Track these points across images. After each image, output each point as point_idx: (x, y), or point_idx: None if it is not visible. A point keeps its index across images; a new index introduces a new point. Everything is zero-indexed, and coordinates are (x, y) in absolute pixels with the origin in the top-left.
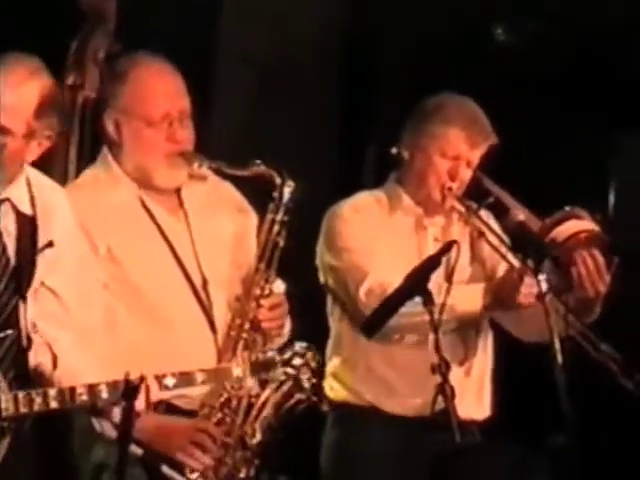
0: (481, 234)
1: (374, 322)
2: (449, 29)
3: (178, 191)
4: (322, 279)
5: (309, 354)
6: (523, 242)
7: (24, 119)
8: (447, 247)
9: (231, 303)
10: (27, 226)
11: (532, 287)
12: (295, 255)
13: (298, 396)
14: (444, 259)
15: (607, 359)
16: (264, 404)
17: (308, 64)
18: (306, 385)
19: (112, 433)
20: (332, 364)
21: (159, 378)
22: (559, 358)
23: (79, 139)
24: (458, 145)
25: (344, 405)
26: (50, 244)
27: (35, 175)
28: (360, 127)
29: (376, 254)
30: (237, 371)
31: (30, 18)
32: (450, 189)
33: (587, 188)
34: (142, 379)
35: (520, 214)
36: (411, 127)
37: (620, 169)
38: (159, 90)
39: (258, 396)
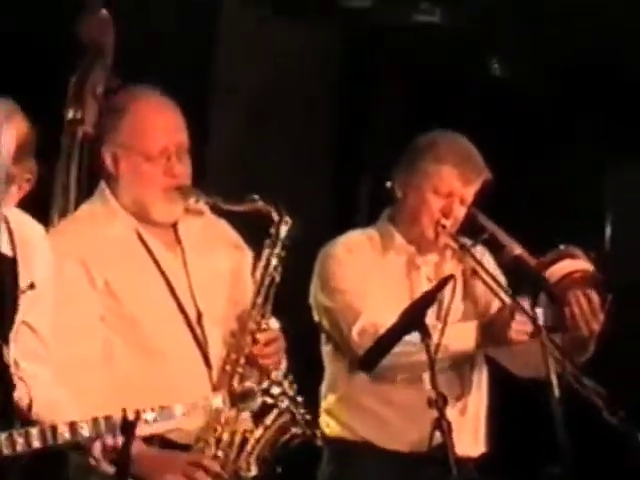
0: (474, 272)
1: (371, 358)
2: (446, 61)
3: (175, 226)
4: (316, 318)
5: (286, 383)
6: (519, 276)
7: (2, 165)
8: (443, 282)
9: (226, 338)
10: (8, 268)
11: (524, 324)
12: (288, 291)
13: (293, 430)
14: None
15: (591, 394)
16: (259, 439)
17: (302, 96)
18: (301, 420)
19: (108, 468)
20: (327, 401)
21: (138, 413)
22: (556, 392)
23: (78, 174)
24: (451, 182)
25: (339, 441)
26: (32, 286)
27: (14, 214)
28: (354, 160)
29: (369, 295)
30: (216, 401)
31: (30, 51)
32: (444, 226)
33: (583, 220)
34: (138, 415)
35: (516, 248)
36: (403, 165)
37: (616, 201)
38: (158, 125)
39: (253, 431)
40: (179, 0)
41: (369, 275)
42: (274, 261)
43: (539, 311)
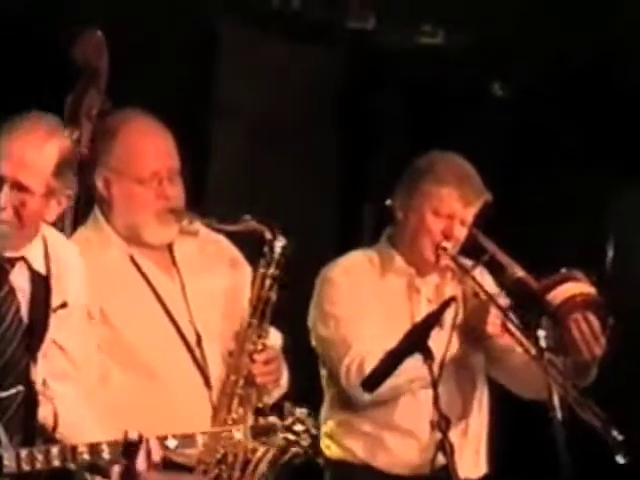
0: (476, 294)
1: (373, 380)
2: (449, 83)
3: (171, 247)
4: (313, 343)
5: (309, 420)
6: (521, 299)
7: (44, 178)
8: (447, 304)
9: (225, 358)
10: (41, 285)
11: (497, 317)
12: (293, 311)
13: (294, 450)
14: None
15: (591, 417)
16: (260, 459)
17: (304, 116)
18: (302, 438)
19: None
20: (327, 425)
21: (161, 439)
22: (558, 414)
23: (76, 197)
24: (451, 204)
25: (340, 463)
26: (64, 305)
27: (51, 233)
28: (357, 180)
29: (366, 318)
30: (238, 435)
31: (25, 74)
32: (444, 248)
33: (585, 244)
34: (141, 438)
35: (518, 271)
36: (404, 187)
37: (618, 224)
38: (149, 149)
39: (255, 452)
40: (180, 21)
41: (367, 298)
42: (268, 281)
43: (541, 334)
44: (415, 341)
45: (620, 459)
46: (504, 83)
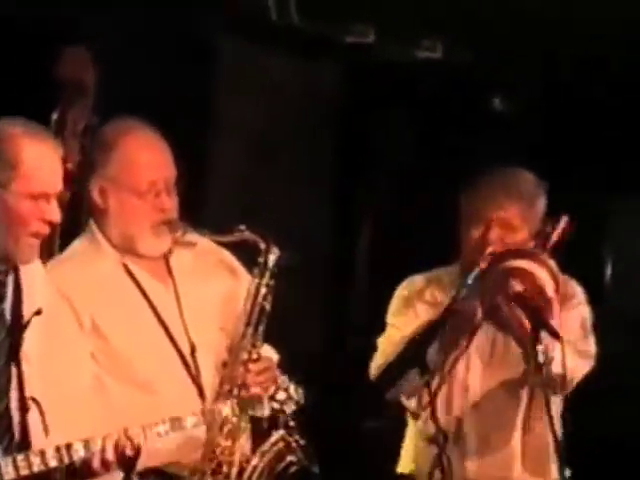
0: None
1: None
2: (448, 96)
3: (166, 257)
4: None
5: (292, 387)
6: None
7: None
8: (446, 315)
9: (219, 368)
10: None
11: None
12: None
13: (289, 458)
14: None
15: None
16: (255, 467)
17: (303, 129)
18: (296, 447)
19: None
20: None
21: (150, 427)
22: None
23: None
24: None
25: None
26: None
27: None
28: (355, 192)
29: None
30: (226, 410)
31: (11, 90)
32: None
33: (584, 255)
34: (139, 450)
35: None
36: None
37: (618, 235)
38: (146, 160)
39: (249, 460)
40: (180, 35)
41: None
42: (263, 290)
43: (540, 349)
44: (415, 354)
45: None
46: (504, 97)
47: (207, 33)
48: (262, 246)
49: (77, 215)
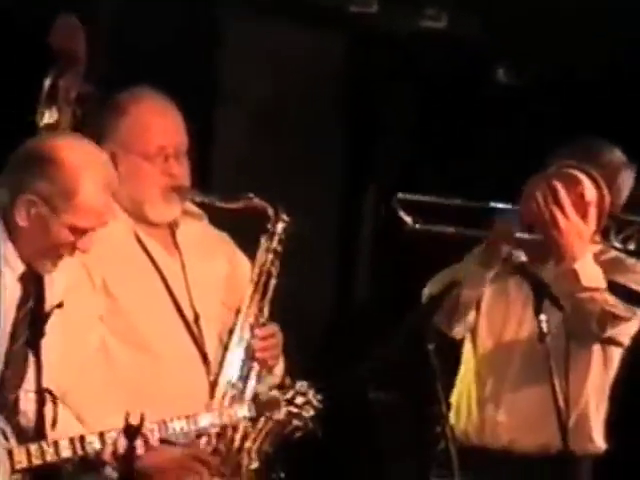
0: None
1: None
2: (452, 67)
3: (173, 229)
4: None
5: (311, 392)
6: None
7: None
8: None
9: (222, 337)
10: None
11: None
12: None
13: (295, 423)
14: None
15: None
16: (260, 432)
17: (307, 101)
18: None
19: (112, 473)
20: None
21: (165, 423)
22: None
23: None
24: None
25: None
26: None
27: None
28: (361, 166)
29: None
30: (242, 412)
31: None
32: None
33: None
34: (142, 420)
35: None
36: None
37: None
38: (157, 126)
39: (254, 425)
40: (183, 6)
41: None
42: (270, 256)
43: (543, 318)
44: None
45: None
46: (509, 69)
47: (210, 3)
48: (271, 213)
49: None
